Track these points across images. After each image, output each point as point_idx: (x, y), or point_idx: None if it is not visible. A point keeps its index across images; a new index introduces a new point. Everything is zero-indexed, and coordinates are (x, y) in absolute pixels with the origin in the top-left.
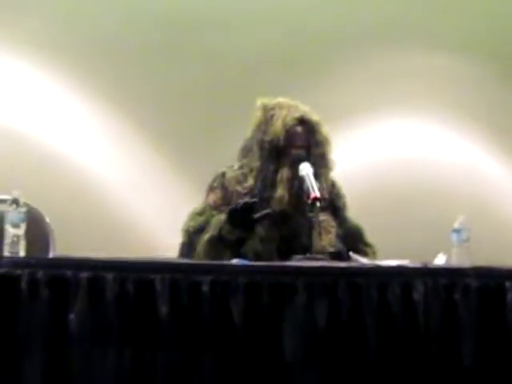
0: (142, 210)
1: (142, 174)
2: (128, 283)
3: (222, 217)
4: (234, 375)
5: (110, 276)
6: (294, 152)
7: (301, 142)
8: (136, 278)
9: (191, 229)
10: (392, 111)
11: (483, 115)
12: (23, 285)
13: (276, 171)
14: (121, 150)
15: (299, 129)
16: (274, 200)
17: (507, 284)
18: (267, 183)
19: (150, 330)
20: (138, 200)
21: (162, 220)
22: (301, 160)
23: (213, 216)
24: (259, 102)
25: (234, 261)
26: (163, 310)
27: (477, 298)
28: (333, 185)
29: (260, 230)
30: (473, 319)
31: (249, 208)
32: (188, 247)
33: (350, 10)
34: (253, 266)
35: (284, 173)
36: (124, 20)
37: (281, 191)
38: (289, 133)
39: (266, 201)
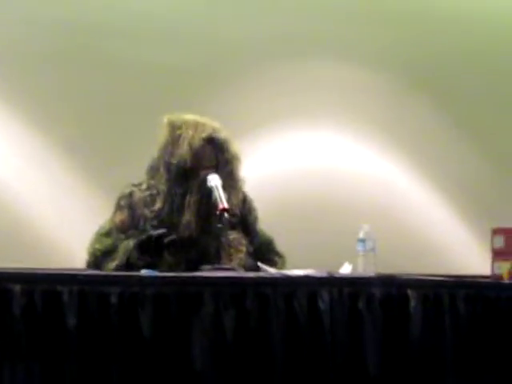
0: (51, 222)
1: (53, 187)
2: (35, 295)
3: (131, 243)
4: None
5: (17, 288)
6: (202, 173)
7: (209, 163)
8: (43, 289)
9: (98, 252)
10: (301, 123)
11: (392, 127)
12: None
13: (184, 195)
14: (29, 161)
15: (207, 149)
16: (182, 225)
17: (410, 292)
18: (174, 207)
19: (59, 342)
20: (52, 213)
21: (75, 232)
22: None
23: (120, 239)
24: (166, 119)
25: (143, 271)
26: (71, 321)
27: (381, 306)
28: (244, 199)
29: (167, 256)
30: (377, 327)
31: (157, 237)
32: (94, 269)
33: (258, 22)
34: (160, 277)
35: (192, 196)
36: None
37: (188, 216)
38: (196, 154)
39: (174, 226)
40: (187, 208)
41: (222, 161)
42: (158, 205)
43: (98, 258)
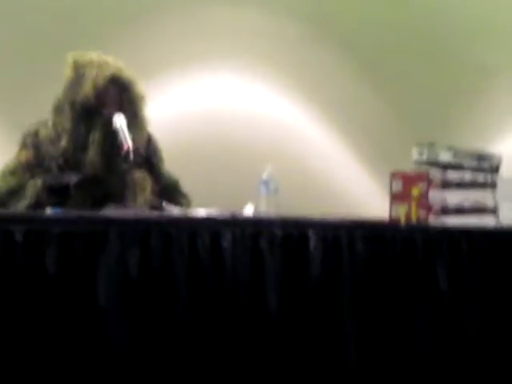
0: None
1: None
2: None
3: (38, 183)
4: (47, 322)
5: None
6: (106, 112)
7: (112, 102)
8: None
9: (3, 190)
10: (204, 64)
11: (295, 71)
12: None
13: (87, 133)
14: None
15: (110, 88)
16: (86, 164)
17: (310, 233)
18: (78, 146)
19: None
20: None
21: None
22: (113, 119)
23: (25, 179)
24: (70, 57)
25: (49, 210)
26: None
27: (282, 246)
28: (149, 140)
29: (74, 195)
30: (278, 267)
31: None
32: None
33: None
34: (66, 215)
35: (96, 135)
36: None
37: (92, 155)
38: (99, 93)
39: (78, 164)
40: (91, 146)
41: (126, 100)
42: (63, 143)
43: (2, 197)
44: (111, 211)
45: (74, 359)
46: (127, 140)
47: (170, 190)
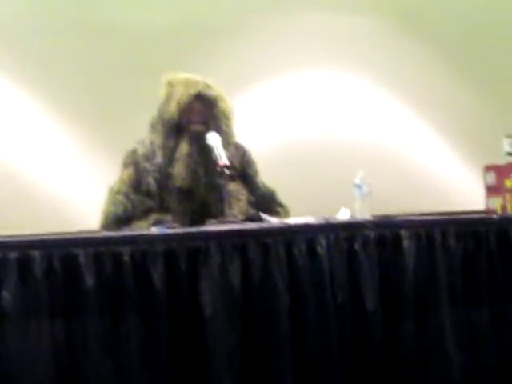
0: (63, 187)
1: (59, 148)
2: (54, 259)
3: (144, 225)
4: (158, 335)
5: (36, 254)
6: (192, 127)
7: (198, 118)
8: (61, 253)
9: (112, 216)
10: (299, 71)
11: (387, 70)
12: None
13: (175, 148)
14: (37, 129)
15: (196, 105)
16: (174, 176)
17: (403, 232)
18: (168, 160)
19: (79, 300)
20: (57, 177)
21: (84, 194)
22: (199, 134)
23: (130, 198)
24: (163, 78)
25: (153, 229)
26: (89, 281)
27: (375, 247)
28: (243, 153)
29: (174, 210)
30: (373, 267)
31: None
32: (108, 230)
33: None
34: (169, 233)
35: (182, 149)
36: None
37: (178, 168)
38: (185, 110)
39: (170, 177)
40: (178, 160)
41: (212, 116)
42: (157, 158)
43: (111, 220)
44: (210, 226)
45: (182, 367)
46: (222, 157)
47: (266, 201)
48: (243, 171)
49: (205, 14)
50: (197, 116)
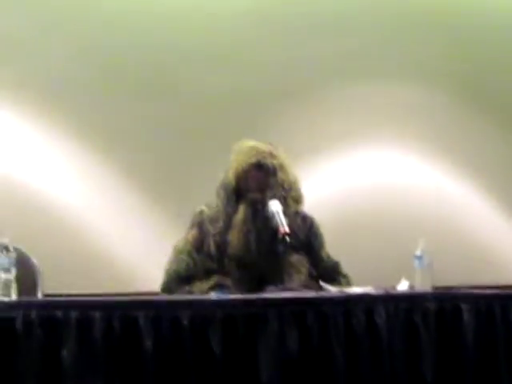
0: (124, 246)
1: (122, 210)
2: (114, 320)
3: (204, 287)
4: None
5: (97, 314)
6: (249, 195)
7: (256, 186)
8: (121, 315)
9: (173, 274)
10: (357, 142)
11: (441, 140)
12: (18, 325)
13: (231, 215)
14: (100, 188)
15: (254, 173)
16: (229, 244)
17: (463, 306)
18: (226, 226)
19: (137, 363)
20: (120, 236)
21: (143, 255)
22: (255, 202)
23: (193, 258)
24: (235, 145)
25: (213, 294)
26: (147, 344)
27: (435, 319)
28: (311, 224)
29: (233, 277)
30: (432, 339)
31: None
32: (169, 289)
33: (312, 43)
34: (228, 299)
35: (238, 216)
36: (99, 54)
37: (233, 234)
38: (243, 177)
39: (227, 243)
40: (234, 227)
41: (269, 185)
42: (220, 222)
43: (172, 278)
44: (270, 293)
45: None
46: (283, 224)
47: (329, 273)
48: (309, 243)
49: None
50: (254, 184)
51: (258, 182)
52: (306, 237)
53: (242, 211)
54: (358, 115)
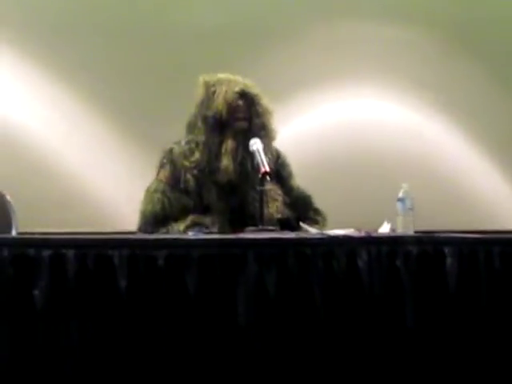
0: (98, 184)
1: (96, 148)
2: (88, 259)
3: (181, 228)
4: (191, 342)
5: (70, 253)
6: (237, 124)
7: (242, 114)
8: (95, 254)
9: (149, 215)
10: (338, 81)
11: (429, 83)
12: None
13: (220, 143)
14: (74, 125)
15: (240, 102)
16: (220, 171)
17: (446, 250)
18: (212, 155)
19: (111, 303)
20: (95, 174)
21: (119, 192)
22: (243, 131)
23: (168, 196)
24: (201, 78)
25: (190, 234)
26: (122, 283)
27: (417, 263)
28: (277, 155)
29: (214, 207)
30: (414, 284)
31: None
32: (144, 231)
33: None
34: (205, 239)
35: (228, 144)
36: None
37: (226, 162)
38: (230, 106)
39: (212, 172)
40: (224, 154)
41: (255, 114)
42: (196, 155)
43: (149, 219)
44: (249, 234)
45: (215, 376)
46: (264, 163)
47: (302, 205)
48: (278, 173)
49: (250, 17)
50: (241, 113)
51: (244, 111)
52: (275, 167)
53: (232, 139)
54: (343, 53)
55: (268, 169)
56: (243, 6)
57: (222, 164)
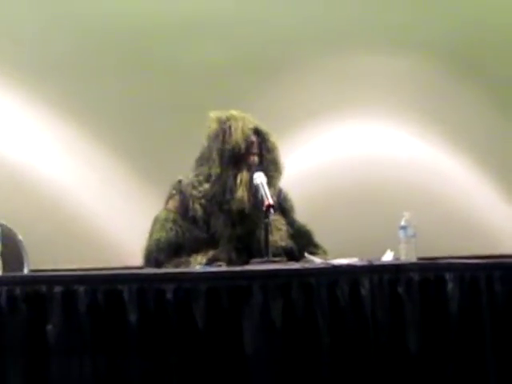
0: (109, 220)
1: (106, 184)
2: (98, 294)
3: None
4: (200, 373)
5: (81, 289)
6: (251, 158)
7: (256, 150)
8: (105, 289)
9: (163, 243)
10: (340, 113)
11: (430, 111)
12: (2, 301)
13: (236, 175)
14: (84, 163)
15: (253, 138)
16: (235, 200)
17: (447, 276)
18: (227, 187)
19: (121, 336)
20: (105, 211)
21: (129, 228)
22: (256, 165)
23: (177, 222)
24: (212, 114)
25: (198, 267)
26: (132, 317)
27: (419, 289)
28: (280, 189)
29: (222, 235)
30: (416, 310)
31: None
32: (156, 262)
33: (305, 11)
34: (212, 272)
35: (243, 176)
36: (79, 31)
37: (241, 192)
38: (246, 142)
39: (223, 202)
40: (240, 186)
41: (266, 149)
42: (205, 186)
43: (163, 246)
44: (254, 265)
45: None
46: (268, 196)
47: (303, 240)
48: (280, 206)
49: (253, 54)
50: (255, 149)
51: (256, 146)
52: (278, 200)
53: (246, 172)
54: (346, 86)
55: (272, 202)
56: (250, 39)
57: (238, 194)
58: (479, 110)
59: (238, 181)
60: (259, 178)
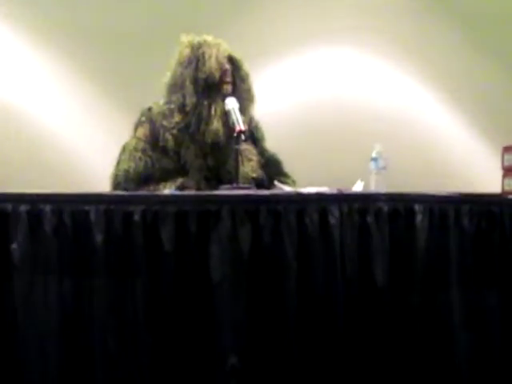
0: (74, 144)
1: (74, 107)
2: (65, 214)
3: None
4: (165, 297)
5: (47, 208)
6: (224, 87)
7: (229, 79)
8: (72, 209)
9: (132, 174)
10: (320, 40)
11: (409, 43)
12: None
13: (210, 105)
14: (52, 83)
15: (227, 66)
16: (209, 132)
17: (416, 207)
18: (203, 117)
19: (87, 257)
20: (71, 134)
21: (99, 154)
22: (229, 94)
23: (147, 153)
24: (184, 39)
25: (166, 191)
26: (98, 238)
27: (388, 220)
28: (251, 118)
29: (192, 166)
30: (385, 241)
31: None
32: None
33: None
34: (181, 195)
35: (218, 107)
36: None
37: (216, 124)
38: (221, 70)
39: (195, 132)
40: (214, 117)
41: (239, 78)
42: (176, 117)
43: (132, 177)
44: (223, 191)
45: (188, 332)
46: (239, 122)
47: (273, 169)
48: (252, 134)
49: None
50: (228, 77)
51: (230, 74)
52: (249, 129)
53: (221, 102)
54: (320, 14)
55: (243, 127)
56: None
57: (213, 126)
58: (455, 45)
59: (213, 111)
60: (231, 103)
